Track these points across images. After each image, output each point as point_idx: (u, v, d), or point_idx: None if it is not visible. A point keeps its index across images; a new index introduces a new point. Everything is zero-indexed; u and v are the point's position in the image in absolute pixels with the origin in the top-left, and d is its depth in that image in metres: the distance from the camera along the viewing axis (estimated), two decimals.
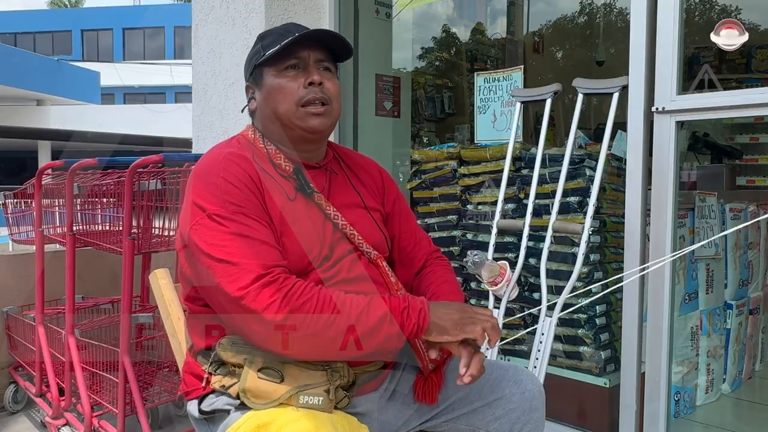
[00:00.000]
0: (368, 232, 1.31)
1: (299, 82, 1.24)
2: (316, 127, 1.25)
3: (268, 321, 1.03)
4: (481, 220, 2.45)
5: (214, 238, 1.10)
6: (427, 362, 1.30)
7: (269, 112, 1.27)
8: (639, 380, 1.94)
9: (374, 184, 1.42)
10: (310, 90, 1.23)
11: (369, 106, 3.05)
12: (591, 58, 4.95)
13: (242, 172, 1.17)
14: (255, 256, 1.08)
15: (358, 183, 1.38)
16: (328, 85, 1.26)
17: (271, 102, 1.25)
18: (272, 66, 1.25)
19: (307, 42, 1.25)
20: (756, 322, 2.86)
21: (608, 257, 2.27)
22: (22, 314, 2.86)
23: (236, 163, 1.19)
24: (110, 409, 2.31)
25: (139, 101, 24.16)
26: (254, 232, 1.11)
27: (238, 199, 1.13)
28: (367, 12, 3.01)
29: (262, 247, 1.10)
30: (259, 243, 1.10)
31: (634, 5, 1.87)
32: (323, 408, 1.11)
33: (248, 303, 1.04)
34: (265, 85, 1.26)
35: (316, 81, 1.23)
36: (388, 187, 1.44)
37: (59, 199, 2.69)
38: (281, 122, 1.25)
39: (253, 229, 1.11)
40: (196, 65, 3.05)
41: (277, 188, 1.21)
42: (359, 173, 1.41)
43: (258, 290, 1.04)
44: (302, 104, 1.23)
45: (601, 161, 1.78)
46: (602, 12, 5.26)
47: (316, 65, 1.26)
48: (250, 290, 1.04)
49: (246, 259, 1.07)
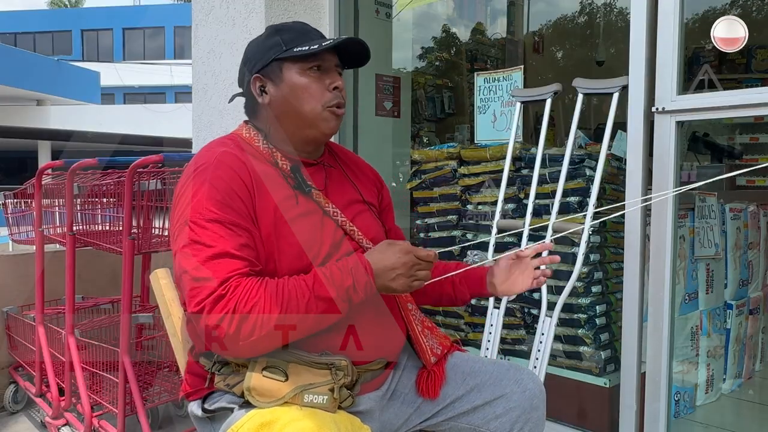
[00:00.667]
0: (368, 227, 1.32)
1: (323, 83, 1.26)
2: (334, 130, 1.29)
3: (223, 337, 1.05)
4: (481, 220, 2.45)
5: (190, 246, 1.10)
6: (429, 355, 1.31)
7: (289, 109, 1.26)
8: (639, 380, 1.94)
9: (369, 180, 1.44)
10: (336, 94, 1.26)
11: (369, 106, 3.05)
12: (591, 58, 4.95)
13: (231, 175, 1.16)
14: (215, 269, 1.07)
15: (354, 177, 1.39)
16: (343, 91, 1.30)
17: (295, 100, 1.25)
18: (296, 63, 1.25)
19: (349, 47, 1.29)
20: (756, 322, 2.86)
21: (608, 257, 2.27)
22: (22, 314, 2.86)
23: (227, 164, 1.17)
24: (110, 409, 2.31)
25: (139, 101, 24.15)
26: (223, 243, 1.10)
27: (218, 206, 1.12)
28: (367, 12, 3.01)
29: (225, 259, 1.09)
30: (222, 255, 1.09)
31: (634, 5, 1.87)
32: (327, 407, 1.12)
33: (203, 321, 1.05)
34: (286, 80, 1.25)
35: (341, 87, 1.27)
36: (383, 184, 1.48)
37: (59, 199, 2.69)
38: (303, 121, 1.25)
39: (223, 239, 1.10)
40: (196, 65, 3.05)
41: (274, 188, 1.21)
42: (354, 168, 1.42)
43: (210, 306, 1.05)
44: (328, 107, 1.25)
45: (601, 161, 1.78)
46: (602, 12, 5.26)
47: (336, 69, 1.29)
48: (204, 306, 1.05)
49: (205, 274, 1.07)
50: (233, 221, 1.12)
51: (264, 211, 1.17)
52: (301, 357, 1.14)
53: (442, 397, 1.31)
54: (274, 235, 1.17)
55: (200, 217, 1.11)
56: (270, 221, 1.18)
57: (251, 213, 1.16)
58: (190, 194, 1.15)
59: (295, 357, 1.14)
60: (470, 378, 1.33)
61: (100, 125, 15.40)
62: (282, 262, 1.17)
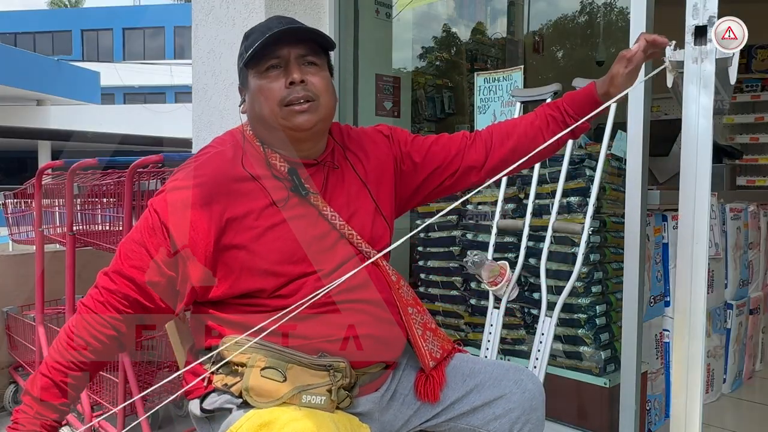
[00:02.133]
0: (369, 225, 1.29)
1: (281, 82, 1.19)
2: (302, 125, 1.20)
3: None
4: (481, 220, 2.45)
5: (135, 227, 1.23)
6: (428, 359, 1.31)
7: (255, 115, 1.24)
8: (639, 380, 1.94)
9: (377, 147, 1.37)
10: (292, 89, 1.19)
11: (369, 106, 3.05)
12: (591, 58, 4.96)
13: (206, 181, 1.18)
14: (120, 257, 1.20)
15: (365, 158, 1.34)
16: (313, 81, 1.21)
17: (256, 105, 1.22)
18: (254, 68, 1.22)
19: (285, 39, 1.20)
20: (756, 322, 2.86)
21: (608, 257, 2.27)
22: (22, 314, 2.86)
23: (208, 168, 1.21)
24: (110, 409, 2.31)
25: (139, 101, 24.15)
26: (141, 237, 1.20)
27: (148, 227, 1.19)
28: (367, 12, 3.01)
29: (116, 261, 1.21)
30: (137, 246, 1.19)
31: (634, 5, 1.87)
32: (325, 408, 1.12)
33: (85, 298, 1.22)
34: (250, 87, 1.23)
35: (296, 80, 1.18)
36: (392, 132, 1.40)
37: (59, 199, 2.69)
38: (268, 124, 1.22)
39: (144, 235, 1.19)
40: (196, 65, 3.05)
41: (261, 192, 1.20)
42: (362, 148, 1.35)
43: (93, 290, 1.21)
44: (285, 104, 1.19)
45: (601, 161, 1.78)
46: (602, 12, 5.26)
47: (298, 61, 1.21)
48: (92, 290, 1.22)
49: (117, 256, 1.21)
50: (155, 244, 1.18)
51: (242, 218, 1.18)
52: (300, 359, 1.14)
53: (442, 399, 1.31)
54: (255, 241, 1.17)
55: (142, 219, 1.21)
56: (250, 227, 1.17)
57: (204, 232, 1.17)
58: (166, 185, 1.22)
59: (294, 358, 1.14)
60: (470, 379, 1.32)
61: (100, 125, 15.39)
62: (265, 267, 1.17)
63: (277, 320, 1.10)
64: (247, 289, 1.17)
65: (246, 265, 1.17)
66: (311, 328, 1.17)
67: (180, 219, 1.16)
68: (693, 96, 1.04)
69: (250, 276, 1.17)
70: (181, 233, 1.16)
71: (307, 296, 1.15)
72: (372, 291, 1.25)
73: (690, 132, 1.04)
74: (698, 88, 1.03)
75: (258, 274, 1.16)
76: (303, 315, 1.14)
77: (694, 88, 1.03)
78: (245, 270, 1.17)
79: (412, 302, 1.34)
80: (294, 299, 1.16)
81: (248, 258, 1.16)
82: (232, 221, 1.17)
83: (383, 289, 1.28)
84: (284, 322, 1.12)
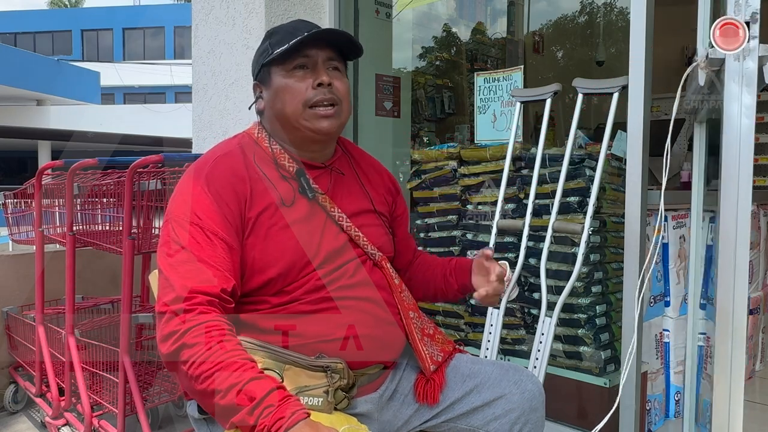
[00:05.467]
0: (374, 234, 1.31)
1: (307, 82, 1.22)
2: (324, 129, 1.23)
3: (162, 350, 1.04)
4: (481, 220, 2.45)
5: (167, 245, 1.11)
6: (429, 363, 1.30)
7: (276, 112, 1.25)
8: (639, 380, 1.94)
9: (384, 186, 1.42)
10: (319, 91, 1.21)
11: (369, 106, 3.05)
12: (591, 58, 4.96)
13: (223, 181, 1.17)
14: (186, 274, 1.07)
15: (367, 182, 1.37)
16: (337, 85, 1.24)
17: (278, 102, 1.23)
18: (280, 65, 1.23)
19: (316, 41, 1.22)
20: (756, 322, 2.86)
21: (608, 257, 2.27)
22: (22, 314, 2.86)
23: (221, 171, 1.18)
24: (110, 409, 2.31)
25: (139, 101, 24.15)
26: (200, 250, 1.10)
27: (203, 211, 1.13)
28: (367, 12, 3.01)
29: (197, 265, 1.08)
30: (195, 261, 1.08)
31: (634, 5, 1.87)
32: (322, 409, 1.12)
33: (159, 324, 1.05)
34: (273, 84, 1.25)
35: (325, 82, 1.21)
36: (398, 191, 1.46)
37: (59, 199, 2.69)
38: (288, 123, 1.23)
39: (200, 246, 1.10)
40: (196, 65, 3.05)
41: (272, 192, 1.20)
42: (369, 173, 1.40)
43: (171, 315, 1.04)
44: (310, 105, 1.21)
45: (601, 161, 1.78)
46: (602, 12, 5.27)
47: (325, 65, 1.24)
48: (167, 311, 1.05)
49: (173, 277, 1.07)
50: (213, 230, 1.12)
51: (256, 217, 1.17)
52: (297, 360, 1.14)
53: (442, 400, 1.31)
54: (266, 240, 1.17)
55: (184, 219, 1.12)
56: (263, 226, 1.17)
57: (237, 222, 1.15)
58: (179, 194, 1.17)
59: (291, 359, 1.14)
60: (469, 379, 1.32)
61: (100, 125, 15.40)
62: (274, 266, 1.16)
63: (279, 319, 1.10)
64: (251, 288, 1.17)
65: (254, 263, 1.17)
66: (310, 326, 1.17)
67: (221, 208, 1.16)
68: (735, 94, 1.00)
69: (256, 274, 1.17)
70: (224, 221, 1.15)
71: (309, 292, 1.17)
72: (373, 290, 1.25)
73: (732, 131, 1.01)
74: (740, 87, 1.00)
75: (264, 272, 1.16)
76: (302, 312, 1.14)
77: (735, 86, 1.00)
78: (253, 268, 1.17)
79: (413, 307, 1.35)
80: (296, 296, 1.17)
81: (258, 257, 1.17)
82: (247, 221, 1.18)
83: (384, 290, 1.28)
84: (284, 321, 1.13)
